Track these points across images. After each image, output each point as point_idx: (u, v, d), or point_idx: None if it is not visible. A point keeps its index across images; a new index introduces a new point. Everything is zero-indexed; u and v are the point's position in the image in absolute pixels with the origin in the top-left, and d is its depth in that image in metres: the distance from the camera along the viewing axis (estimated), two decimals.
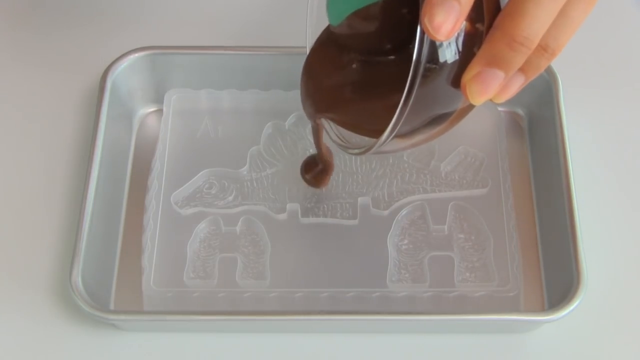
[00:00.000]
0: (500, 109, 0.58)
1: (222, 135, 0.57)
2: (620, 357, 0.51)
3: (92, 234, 0.52)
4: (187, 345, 0.51)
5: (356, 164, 0.56)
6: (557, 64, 0.56)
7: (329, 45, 0.49)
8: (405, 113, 0.40)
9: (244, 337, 0.51)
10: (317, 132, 0.51)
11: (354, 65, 0.47)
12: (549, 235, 0.54)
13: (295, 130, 0.57)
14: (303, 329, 0.52)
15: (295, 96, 0.57)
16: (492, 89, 0.40)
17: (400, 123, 0.40)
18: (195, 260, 0.53)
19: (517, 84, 0.41)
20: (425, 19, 0.37)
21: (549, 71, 0.56)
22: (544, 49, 0.40)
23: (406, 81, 0.39)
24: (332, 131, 0.49)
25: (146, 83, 0.59)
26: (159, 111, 0.59)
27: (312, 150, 0.55)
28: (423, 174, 0.55)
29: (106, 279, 0.53)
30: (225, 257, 0.53)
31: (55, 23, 0.63)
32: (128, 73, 0.58)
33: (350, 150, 0.47)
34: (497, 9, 0.40)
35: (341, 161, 0.56)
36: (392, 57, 0.45)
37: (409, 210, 0.54)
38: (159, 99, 0.59)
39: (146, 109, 0.60)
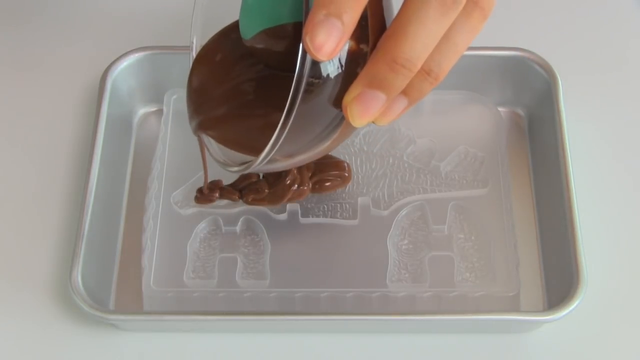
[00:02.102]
0: (500, 109, 0.58)
1: None
2: (620, 357, 0.51)
3: (92, 233, 0.52)
4: (187, 345, 0.51)
5: (356, 164, 0.56)
6: (557, 64, 0.57)
7: (216, 56, 0.48)
8: (286, 130, 0.39)
9: (244, 337, 0.51)
10: (202, 148, 0.49)
11: (240, 81, 0.47)
12: (549, 235, 0.54)
13: None
14: (303, 329, 0.52)
15: None
16: (373, 111, 0.39)
17: (281, 140, 0.40)
18: (195, 260, 0.53)
19: (400, 107, 0.40)
20: (306, 38, 0.36)
21: (549, 71, 0.56)
22: (427, 72, 0.39)
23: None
24: (212, 147, 0.48)
25: (146, 83, 0.59)
26: (159, 111, 0.59)
27: None
28: (423, 174, 0.55)
29: (106, 279, 0.53)
30: (225, 257, 0.53)
31: (56, 23, 0.63)
32: (128, 73, 0.58)
33: (230, 168, 0.46)
34: (382, 30, 0.40)
35: None
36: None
37: (409, 210, 0.54)
38: (159, 99, 0.59)
39: (146, 109, 0.60)
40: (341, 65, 0.39)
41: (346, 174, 0.54)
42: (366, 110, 0.39)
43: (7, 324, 0.52)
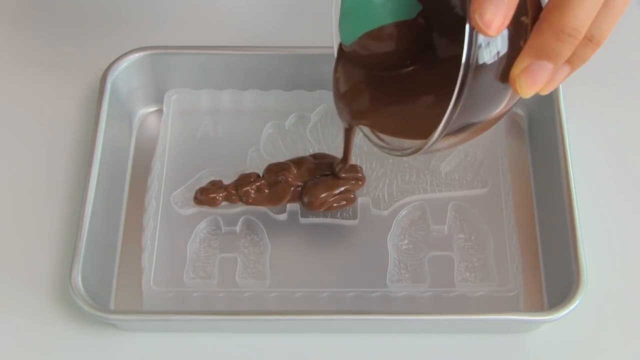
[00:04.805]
0: None
1: (222, 135, 0.57)
2: (620, 357, 0.51)
3: (92, 233, 0.52)
4: (187, 345, 0.51)
5: (356, 164, 0.55)
6: None
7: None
8: (457, 111, 0.40)
9: (244, 337, 0.51)
10: (349, 136, 0.50)
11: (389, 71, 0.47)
12: (549, 235, 0.54)
13: (295, 130, 0.57)
14: (303, 329, 0.52)
15: (295, 96, 0.57)
16: (540, 81, 0.40)
17: (451, 122, 0.40)
18: (195, 260, 0.53)
19: (563, 75, 0.41)
20: (475, 15, 0.37)
21: None
22: (589, 39, 0.40)
23: (454, 80, 0.38)
24: (371, 135, 0.49)
25: (146, 83, 0.59)
26: (159, 111, 0.59)
27: (312, 150, 0.56)
28: (423, 174, 0.55)
29: (106, 279, 0.53)
30: (225, 257, 0.53)
31: (56, 23, 0.63)
32: (128, 73, 0.58)
33: (395, 152, 0.46)
34: (539, 1, 0.40)
35: None
36: (412, 67, 0.45)
37: (409, 210, 0.54)
38: (159, 99, 0.59)
39: (146, 109, 0.60)
40: (504, 41, 0.39)
41: (360, 174, 0.53)
42: (534, 81, 0.40)
43: (7, 324, 0.52)
